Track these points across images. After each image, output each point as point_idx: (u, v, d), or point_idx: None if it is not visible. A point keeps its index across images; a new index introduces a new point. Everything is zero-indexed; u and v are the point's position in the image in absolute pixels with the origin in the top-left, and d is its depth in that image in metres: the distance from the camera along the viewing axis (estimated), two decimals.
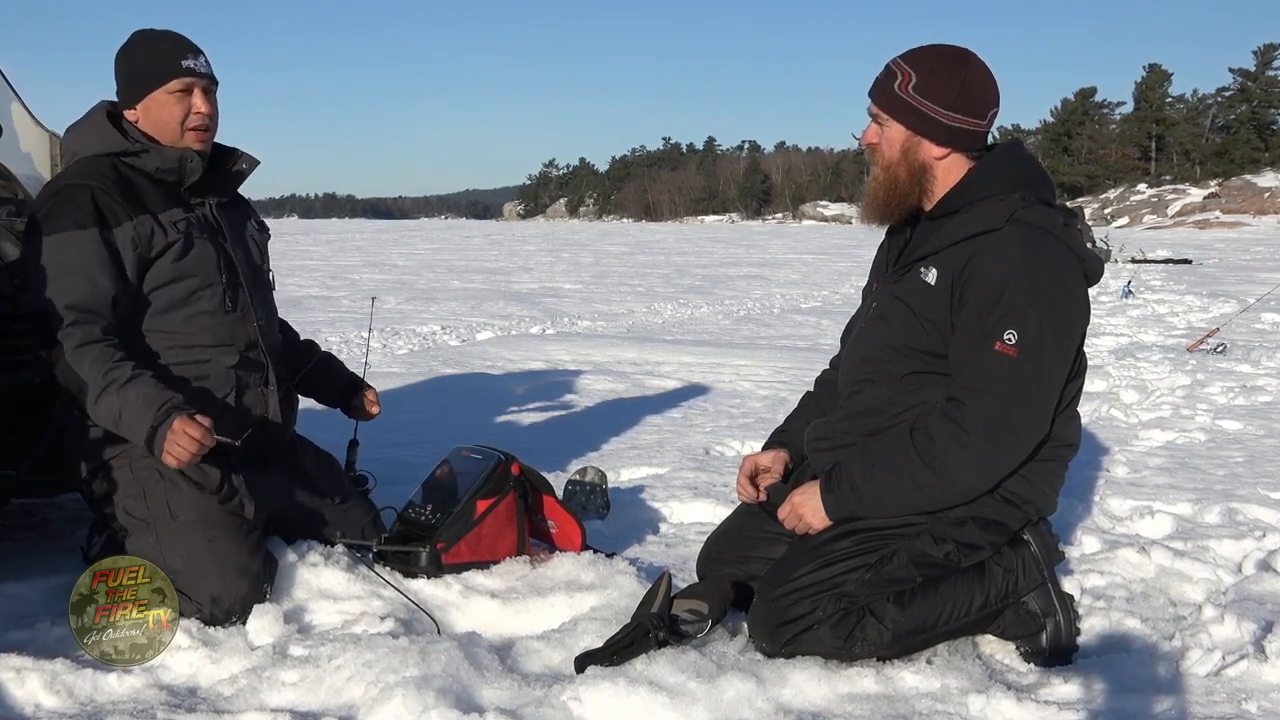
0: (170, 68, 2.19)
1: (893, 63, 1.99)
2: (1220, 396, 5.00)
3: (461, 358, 6.29)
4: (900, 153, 1.98)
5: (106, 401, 2.01)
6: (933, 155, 1.98)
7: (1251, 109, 71.88)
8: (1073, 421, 2.04)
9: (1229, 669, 1.90)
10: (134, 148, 2.18)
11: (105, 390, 2.02)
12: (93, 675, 1.83)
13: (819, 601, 1.89)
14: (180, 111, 2.20)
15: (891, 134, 1.98)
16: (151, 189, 2.18)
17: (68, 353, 2.03)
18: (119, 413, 2.01)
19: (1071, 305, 1.94)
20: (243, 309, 2.26)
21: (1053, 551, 2.06)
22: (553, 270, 16.43)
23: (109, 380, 2.02)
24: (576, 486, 2.92)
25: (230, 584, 2.05)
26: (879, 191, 2.02)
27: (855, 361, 2.11)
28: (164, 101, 2.20)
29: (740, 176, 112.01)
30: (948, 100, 1.94)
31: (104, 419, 2.04)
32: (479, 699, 1.78)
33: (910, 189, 1.99)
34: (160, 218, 2.16)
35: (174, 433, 1.97)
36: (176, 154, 2.19)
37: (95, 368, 2.03)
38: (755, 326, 8.56)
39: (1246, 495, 3.19)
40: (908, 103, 1.95)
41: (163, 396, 2.01)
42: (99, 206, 2.10)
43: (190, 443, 1.97)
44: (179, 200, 2.22)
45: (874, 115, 2.01)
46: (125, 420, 2.01)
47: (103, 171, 2.15)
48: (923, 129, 1.96)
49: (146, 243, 2.14)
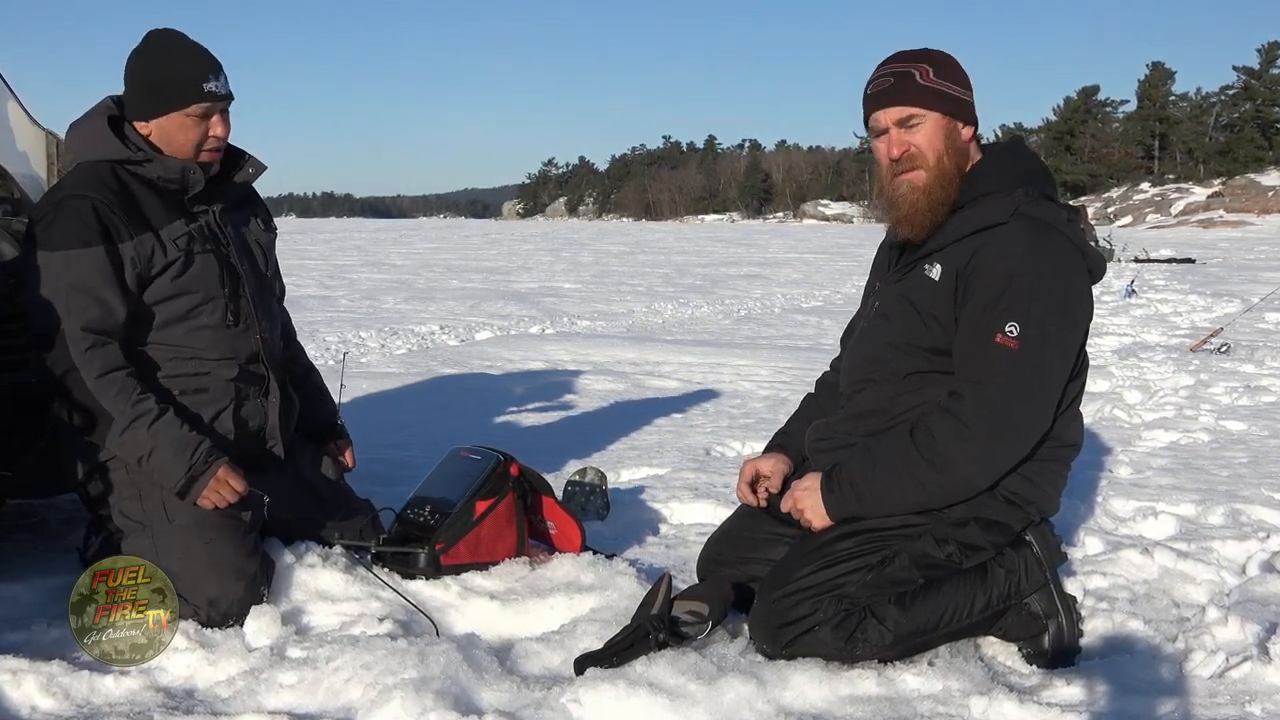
0: (192, 91, 2.14)
1: (895, 67, 1.97)
2: (1224, 397, 4.99)
3: (460, 358, 6.28)
4: (945, 142, 1.96)
5: (134, 437, 2.05)
6: (965, 137, 1.99)
7: (1255, 107, 71.62)
8: (1075, 421, 2.03)
9: (1232, 671, 1.89)
10: (136, 156, 2.15)
11: (132, 425, 2.05)
12: (89, 677, 1.83)
13: (820, 603, 1.88)
14: (198, 135, 2.17)
15: (930, 128, 1.95)
16: (153, 198, 2.15)
17: (89, 380, 2.04)
18: (148, 451, 2.06)
19: (1075, 300, 1.93)
20: (245, 322, 2.24)
21: (1055, 552, 2.05)
22: (552, 269, 16.42)
23: (136, 414, 2.05)
24: (576, 487, 2.91)
25: (227, 586, 2.04)
26: (934, 188, 1.95)
27: (857, 361, 2.10)
28: (182, 124, 2.15)
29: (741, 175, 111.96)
30: (961, 80, 1.98)
31: (127, 453, 2.08)
32: (478, 701, 1.78)
33: (956, 177, 1.97)
34: (161, 234, 2.13)
35: (218, 481, 2.08)
36: (179, 165, 2.16)
37: (120, 400, 2.05)
38: (756, 326, 8.55)
39: (1250, 496, 3.17)
40: (940, 90, 1.95)
41: (194, 440, 2.08)
42: (102, 220, 2.08)
43: (231, 494, 2.09)
44: (181, 209, 2.19)
45: (901, 120, 1.95)
46: (155, 461, 2.07)
47: (104, 180, 2.11)
48: (957, 111, 1.97)
49: (146, 263, 2.12)
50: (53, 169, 2.73)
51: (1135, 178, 73.51)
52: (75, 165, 2.19)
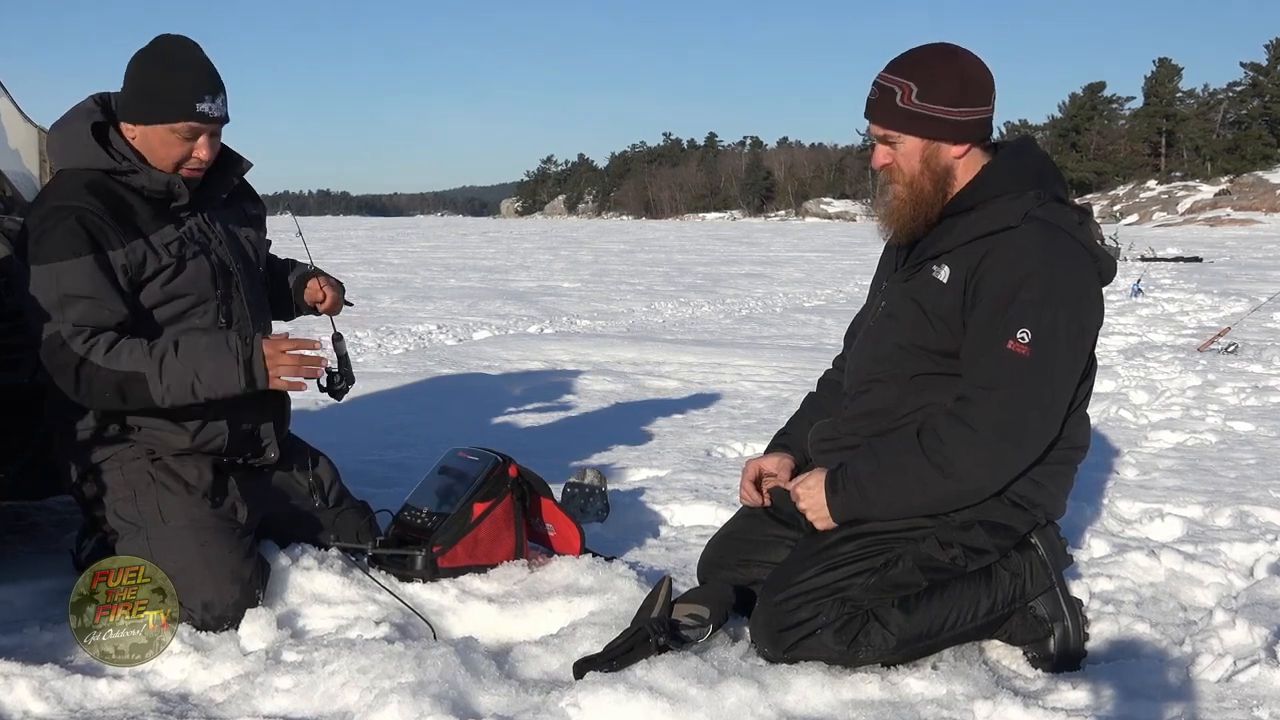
0: (182, 108, 2.08)
1: (884, 79, 1.95)
2: (1231, 397, 4.96)
3: (458, 358, 6.26)
4: (921, 164, 1.94)
5: (172, 375, 2.03)
6: (952, 155, 1.95)
7: (1263, 104, 71.35)
8: (1083, 423, 2.02)
9: (1240, 675, 1.88)
10: (121, 167, 2.11)
11: (164, 366, 2.02)
12: (82, 681, 1.81)
13: (822, 606, 1.86)
14: (180, 153, 2.12)
15: (907, 149, 1.95)
16: (141, 205, 2.12)
17: (100, 359, 2.01)
18: (194, 376, 2.03)
19: (1087, 305, 1.92)
20: (239, 323, 2.22)
21: (1061, 555, 2.03)
22: (551, 268, 16.41)
23: (160, 355, 2.03)
24: (575, 489, 2.90)
25: (223, 590, 2.03)
26: (905, 208, 1.98)
27: (862, 361, 2.08)
28: (165, 138, 2.10)
29: (742, 173, 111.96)
30: (953, 98, 1.91)
31: (177, 392, 2.04)
32: (475, 705, 1.76)
33: (936, 196, 1.96)
34: (152, 239, 2.11)
35: (270, 356, 2.05)
36: (165, 179, 2.13)
37: (138, 356, 2.03)
38: (757, 326, 8.53)
39: (1258, 498, 3.16)
40: (917, 114, 1.92)
41: (221, 336, 2.06)
42: (89, 230, 2.04)
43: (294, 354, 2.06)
44: (169, 215, 2.16)
45: (881, 136, 1.96)
46: (206, 378, 2.04)
47: (91, 188, 2.08)
48: (938, 134, 1.93)
49: (138, 269, 2.10)
50: (44, 166, 2.71)
51: (1142, 175, 73.33)
52: (59, 172, 2.15)
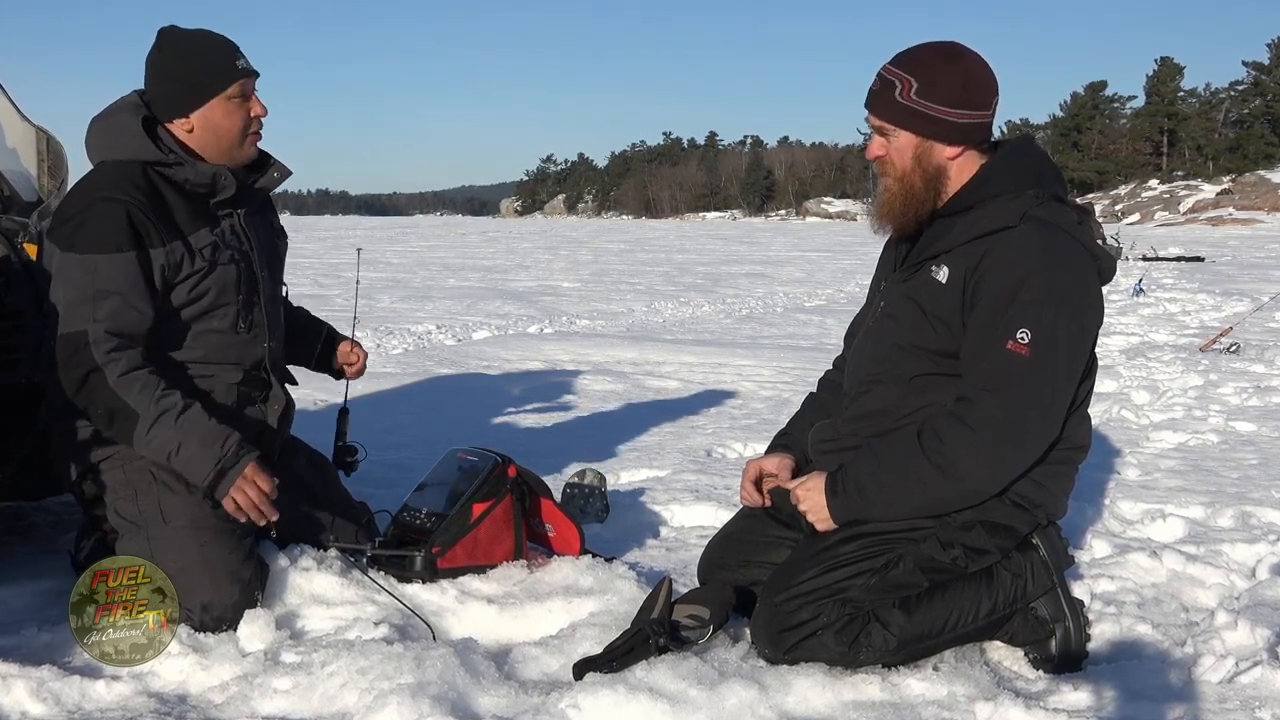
0: (226, 72, 2.12)
1: (886, 71, 1.95)
2: (1233, 397, 4.96)
3: (457, 357, 6.25)
4: (913, 160, 1.94)
5: (161, 432, 2.01)
6: (946, 156, 1.94)
7: (1265, 103, 71.11)
8: (1084, 423, 2.01)
9: (1242, 676, 1.87)
10: (169, 159, 2.12)
11: (159, 420, 2.01)
12: (80, 682, 1.81)
13: (823, 607, 1.86)
14: (241, 118, 2.15)
15: (901, 143, 1.94)
16: (181, 202, 2.12)
17: (111, 379, 2.01)
18: (176, 446, 2.02)
19: (1087, 305, 1.91)
20: (255, 330, 2.23)
21: (1062, 556, 2.02)
22: (551, 268, 16.40)
23: (162, 409, 2.02)
24: (575, 489, 2.89)
25: (222, 590, 2.02)
26: (894, 203, 1.97)
27: (862, 361, 2.07)
28: (226, 109, 2.13)
29: (742, 172, 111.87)
30: (952, 99, 1.90)
31: (155, 450, 2.03)
32: (475, 707, 1.76)
33: (927, 195, 1.96)
34: (190, 240, 2.11)
35: (246, 479, 2.03)
36: (211, 170, 2.14)
37: (144, 397, 2.02)
38: (758, 325, 8.53)
39: (1260, 498, 3.15)
40: (914, 109, 1.91)
41: (223, 433, 2.04)
42: (134, 226, 2.04)
43: (259, 495, 2.04)
44: (207, 215, 2.16)
45: (877, 128, 1.96)
46: (183, 455, 2.02)
47: (136, 182, 2.08)
48: (933, 133, 1.92)
49: (175, 270, 2.10)
50: (43, 166, 2.71)
51: (1143, 174, 73.15)
52: (100, 163, 2.14)
